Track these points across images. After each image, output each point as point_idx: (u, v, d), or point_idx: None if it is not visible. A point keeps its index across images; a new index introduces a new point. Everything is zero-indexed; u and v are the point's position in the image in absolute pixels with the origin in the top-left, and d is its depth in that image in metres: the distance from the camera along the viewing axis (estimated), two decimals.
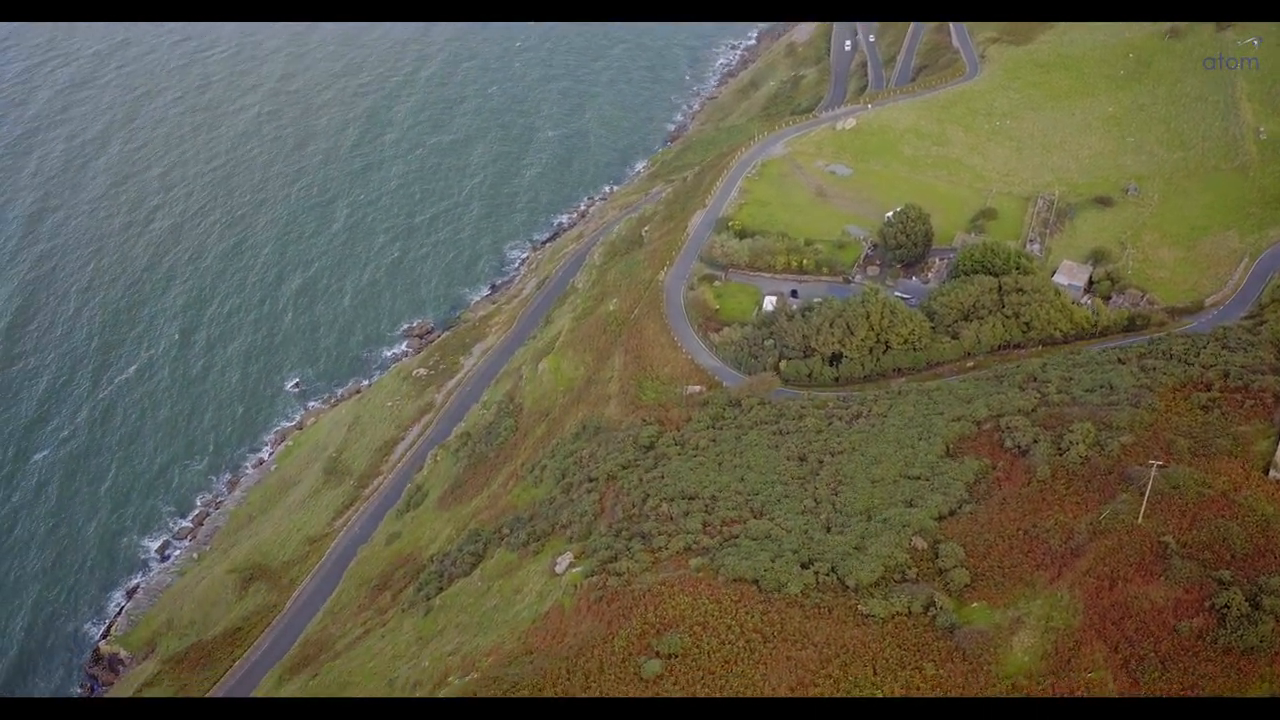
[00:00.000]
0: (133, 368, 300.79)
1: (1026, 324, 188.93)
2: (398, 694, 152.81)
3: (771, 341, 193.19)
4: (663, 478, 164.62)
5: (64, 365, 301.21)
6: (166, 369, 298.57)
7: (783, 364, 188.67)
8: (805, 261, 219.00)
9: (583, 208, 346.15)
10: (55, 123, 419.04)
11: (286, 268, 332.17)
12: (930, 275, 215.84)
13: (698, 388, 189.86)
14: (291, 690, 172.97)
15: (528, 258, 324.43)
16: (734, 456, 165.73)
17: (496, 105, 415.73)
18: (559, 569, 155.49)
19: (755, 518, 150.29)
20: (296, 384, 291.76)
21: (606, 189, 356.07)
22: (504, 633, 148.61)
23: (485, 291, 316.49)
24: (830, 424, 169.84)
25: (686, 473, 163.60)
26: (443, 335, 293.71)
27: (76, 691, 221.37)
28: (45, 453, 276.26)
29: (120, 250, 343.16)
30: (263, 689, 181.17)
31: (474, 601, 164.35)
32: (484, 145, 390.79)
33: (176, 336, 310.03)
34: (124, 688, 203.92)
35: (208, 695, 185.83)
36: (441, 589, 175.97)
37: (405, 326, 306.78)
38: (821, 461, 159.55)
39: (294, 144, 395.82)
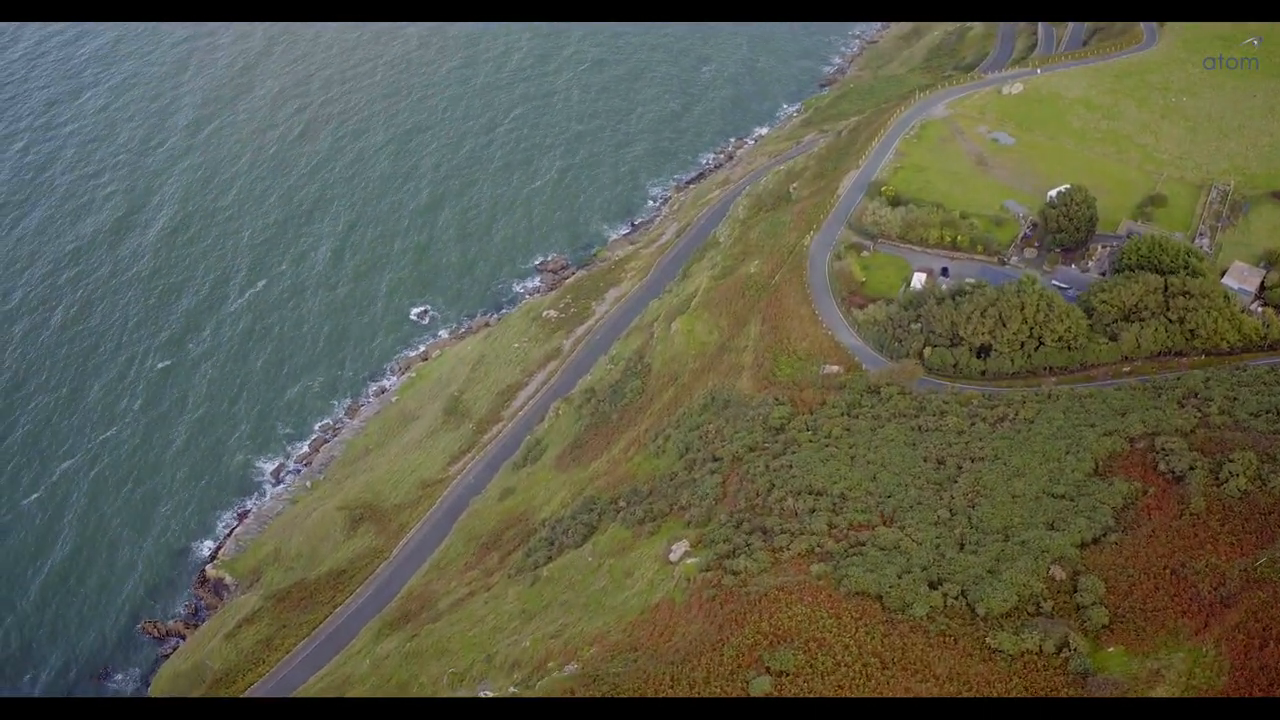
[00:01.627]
0: (274, 284, 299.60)
1: (1191, 331, 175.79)
2: (494, 671, 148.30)
3: (918, 325, 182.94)
4: (791, 467, 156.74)
5: (213, 277, 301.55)
6: (309, 289, 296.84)
7: (927, 351, 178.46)
8: (959, 237, 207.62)
9: (730, 149, 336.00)
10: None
11: (442, 193, 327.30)
12: (1091, 264, 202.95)
13: (835, 368, 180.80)
14: (389, 649, 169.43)
15: (670, 198, 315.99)
16: (868, 451, 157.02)
17: (661, 40, 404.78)
18: (674, 556, 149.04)
19: (885, 524, 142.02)
20: (425, 312, 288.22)
21: (757, 130, 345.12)
22: (610, 620, 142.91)
23: (624, 230, 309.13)
24: (973, 424, 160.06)
25: (816, 464, 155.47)
26: (576, 274, 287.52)
27: (182, 612, 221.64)
28: (175, 363, 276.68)
29: (278, 166, 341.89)
30: (360, 642, 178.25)
31: (582, 578, 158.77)
32: (645, 81, 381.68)
33: (327, 255, 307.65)
34: (227, 617, 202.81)
35: (306, 640, 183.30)
36: (551, 558, 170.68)
37: (540, 260, 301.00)
38: (960, 467, 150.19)
39: (458, 69, 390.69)
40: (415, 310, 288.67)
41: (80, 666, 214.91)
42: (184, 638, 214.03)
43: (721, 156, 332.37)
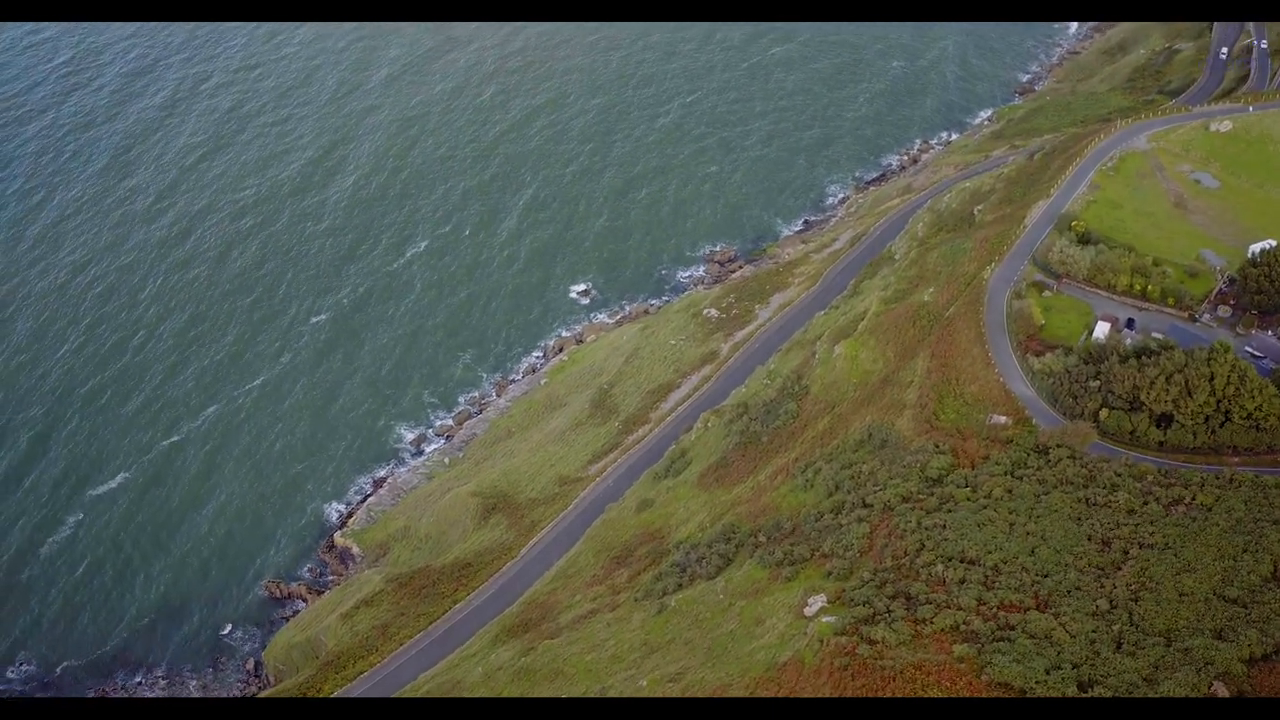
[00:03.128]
0: (428, 243, 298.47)
1: None
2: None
3: (1097, 383, 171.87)
4: (944, 528, 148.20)
5: (389, 237, 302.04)
6: (463, 250, 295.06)
7: (1104, 413, 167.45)
8: (1150, 287, 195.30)
9: (915, 152, 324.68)
10: None
11: (607, 163, 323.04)
12: None
13: (1003, 419, 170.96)
14: (504, 659, 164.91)
15: (848, 199, 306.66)
16: (1028, 520, 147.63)
17: (846, 26, 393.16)
18: (809, 611, 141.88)
19: (1038, 609, 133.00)
20: (585, 291, 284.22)
21: (944, 135, 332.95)
22: (734, 672, 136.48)
23: (798, 226, 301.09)
24: (1145, 504, 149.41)
25: (972, 528, 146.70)
26: (743, 269, 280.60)
27: (306, 575, 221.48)
28: (325, 317, 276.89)
29: (468, 135, 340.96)
30: (475, 644, 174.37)
31: (711, 617, 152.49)
32: (823, 62, 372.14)
33: (478, 219, 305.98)
34: (348, 591, 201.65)
35: (421, 634, 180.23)
36: (681, 586, 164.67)
37: (707, 250, 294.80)
38: (1127, 553, 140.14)
39: (659, 56, 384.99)
40: (576, 288, 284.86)
41: (203, 617, 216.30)
42: (305, 602, 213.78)
43: (905, 159, 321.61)
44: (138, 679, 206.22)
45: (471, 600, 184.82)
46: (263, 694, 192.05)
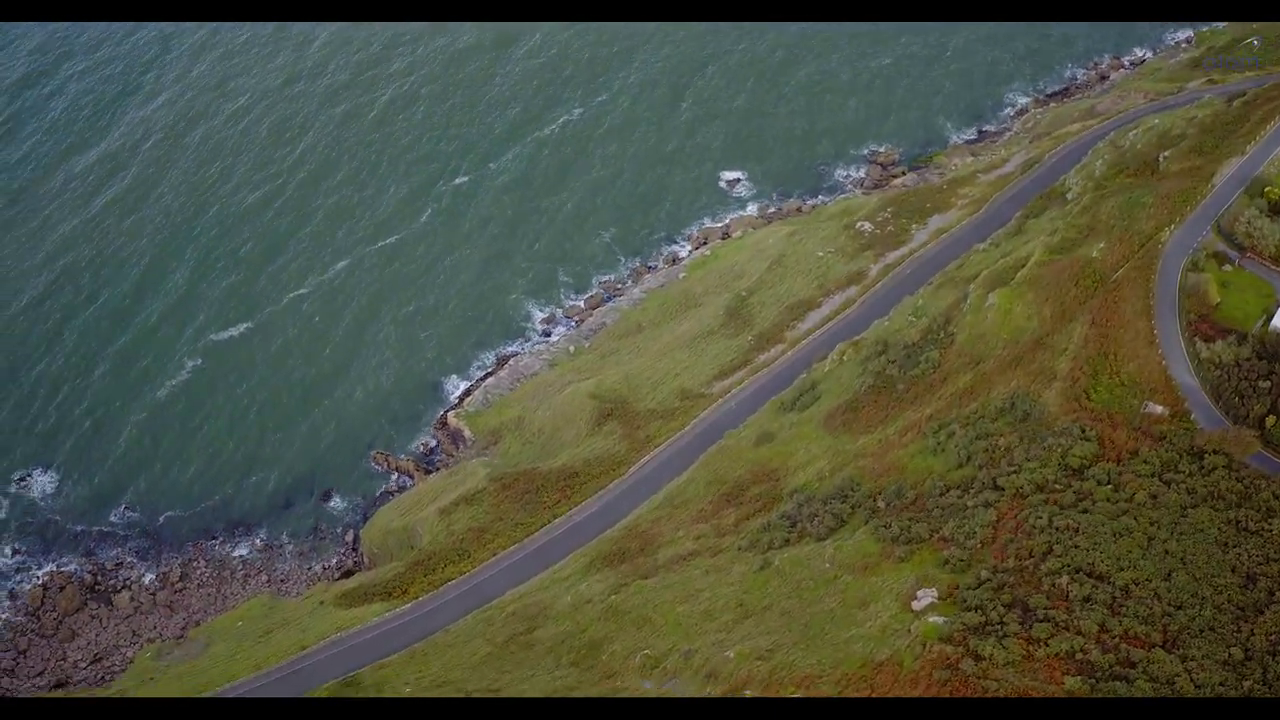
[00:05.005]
0: (582, 111, 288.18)
1: None
2: (689, 672, 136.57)
3: (1268, 384, 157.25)
4: (1077, 531, 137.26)
5: (542, 98, 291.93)
6: (636, 130, 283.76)
7: (1270, 420, 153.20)
8: None
9: (1105, 67, 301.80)
10: None
11: (797, 53, 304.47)
12: None
13: (1160, 409, 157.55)
14: (594, 591, 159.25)
15: (1026, 111, 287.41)
16: (1169, 537, 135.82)
17: None
18: (917, 604, 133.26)
19: (1165, 646, 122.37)
20: (737, 180, 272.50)
21: (1137, 52, 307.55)
22: (826, 661, 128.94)
23: (969, 135, 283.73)
24: None
25: (1107, 538, 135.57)
26: (905, 176, 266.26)
27: (416, 450, 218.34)
28: (467, 180, 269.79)
29: None
30: (567, 567, 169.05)
31: (813, 587, 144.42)
32: None
33: (664, 96, 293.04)
34: (451, 481, 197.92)
35: (517, 546, 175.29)
36: (789, 542, 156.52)
37: (870, 149, 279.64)
38: (1273, 595, 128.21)
39: None
40: (728, 175, 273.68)
41: (308, 482, 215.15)
42: (412, 479, 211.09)
43: (1092, 74, 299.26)
44: (236, 538, 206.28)
45: (572, 515, 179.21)
46: (352, 577, 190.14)
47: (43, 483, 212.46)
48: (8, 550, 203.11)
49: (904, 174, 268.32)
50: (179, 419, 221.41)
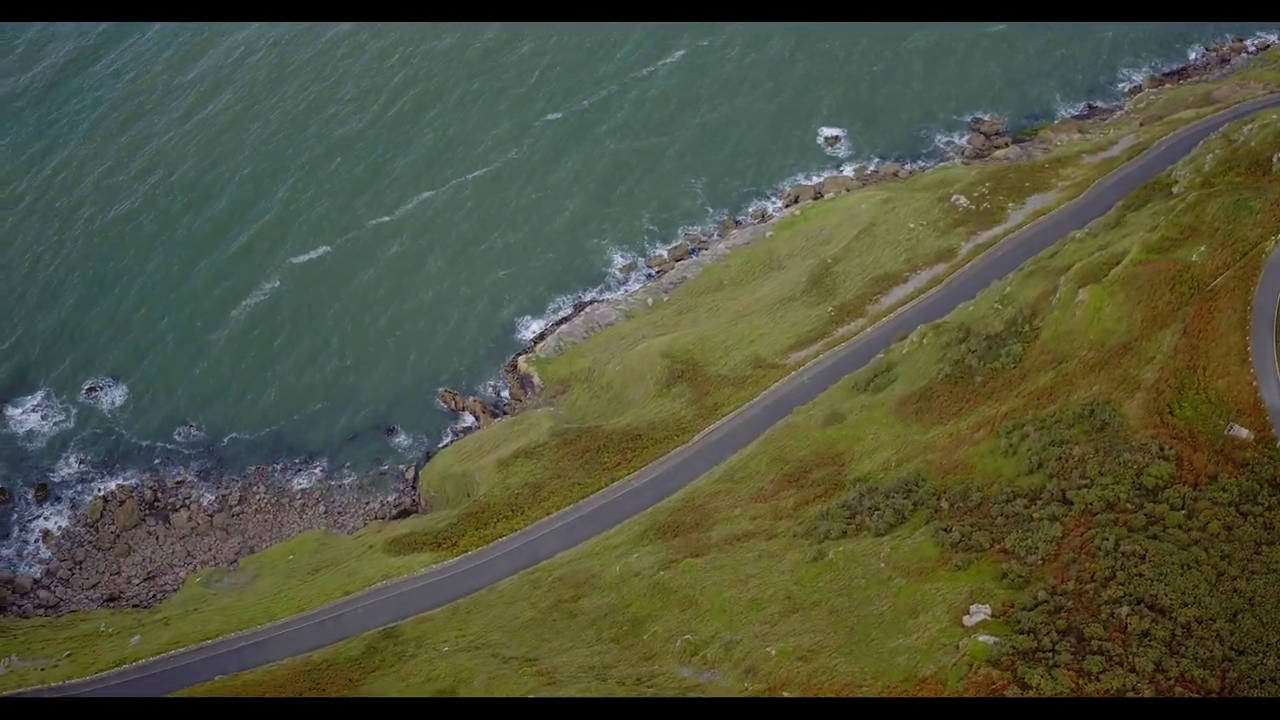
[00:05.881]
0: (684, 54, 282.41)
1: None
2: (728, 665, 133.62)
3: None
4: (1143, 559, 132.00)
5: (650, 42, 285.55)
6: (722, 66, 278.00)
7: None
8: None
9: (1226, 49, 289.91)
10: None
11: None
12: None
13: (1245, 433, 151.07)
14: (643, 564, 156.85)
15: (1139, 89, 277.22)
16: (1240, 575, 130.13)
17: None
18: (969, 620, 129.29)
19: (1221, 694, 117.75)
20: (836, 138, 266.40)
21: (1260, 36, 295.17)
22: (869, 671, 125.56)
23: (1078, 110, 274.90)
24: None
25: (1174, 569, 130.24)
26: (1008, 148, 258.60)
27: (484, 391, 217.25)
28: (560, 116, 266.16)
29: None
30: (619, 535, 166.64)
31: (864, 586, 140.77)
32: None
33: (782, 51, 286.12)
34: (513, 430, 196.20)
35: (572, 507, 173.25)
36: (845, 534, 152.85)
37: (974, 116, 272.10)
38: None
39: None
40: (826, 132, 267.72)
41: (375, 414, 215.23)
42: (478, 420, 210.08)
43: (1212, 57, 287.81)
44: (298, 466, 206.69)
45: (630, 480, 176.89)
46: (405, 520, 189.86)
47: (113, 395, 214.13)
48: (73, 460, 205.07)
49: (1007, 145, 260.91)
50: (256, 341, 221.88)
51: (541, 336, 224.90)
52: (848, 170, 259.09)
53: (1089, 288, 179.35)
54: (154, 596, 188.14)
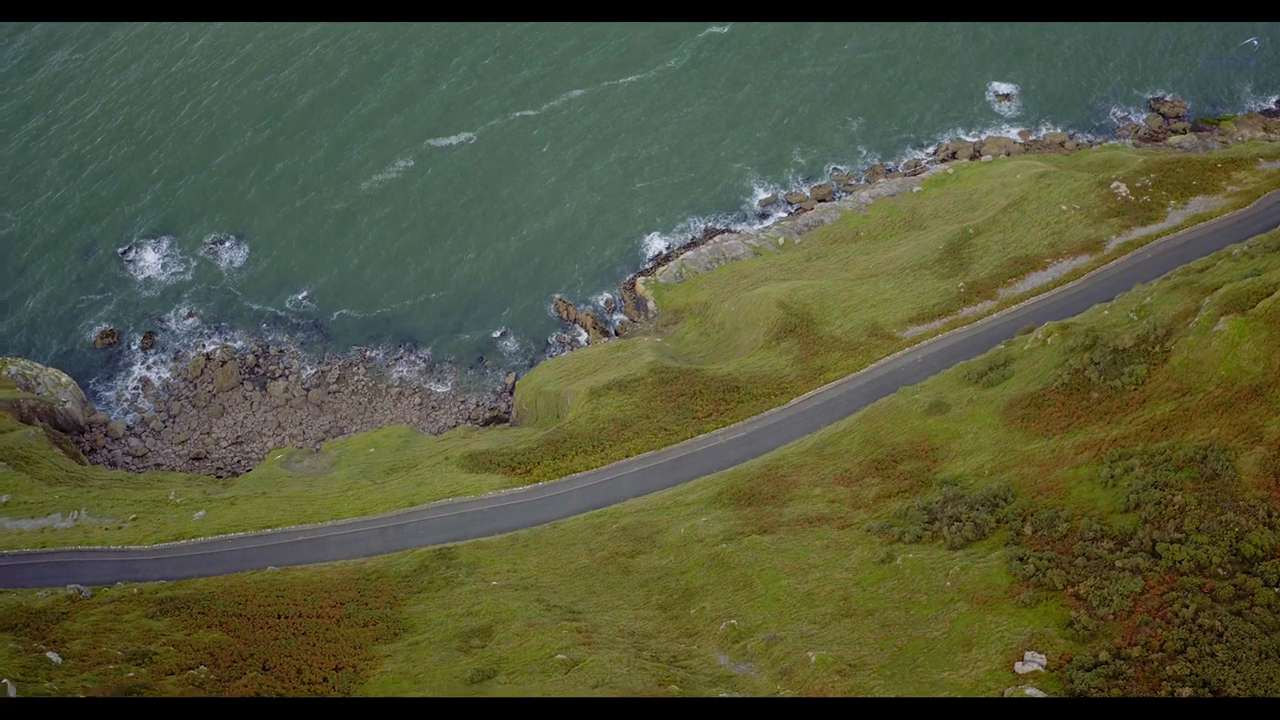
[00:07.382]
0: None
1: None
2: (764, 660, 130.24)
3: None
4: (1220, 637, 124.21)
5: None
6: (924, 42, 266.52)
7: None
8: None
9: None
10: None
11: None
12: None
13: None
14: (710, 530, 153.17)
15: None
16: None
17: None
18: (1021, 667, 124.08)
19: None
20: (1008, 95, 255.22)
21: None
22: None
23: (1270, 104, 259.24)
24: None
25: (1249, 656, 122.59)
26: (1183, 136, 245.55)
27: (597, 306, 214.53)
28: (728, 30, 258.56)
29: None
30: (693, 493, 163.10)
31: (924, 605, 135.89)
32: None
33: None
34: (613, 357, 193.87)
35: (653, 453, 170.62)
36: (919, 540, 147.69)
37: (1155, 95, 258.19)
38: None
39: None
40: (999, 87, 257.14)
41: (485, 313, 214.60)
42: (587, 335, 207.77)
43: None
44: (401, 353, 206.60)
45: (718, 435, 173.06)
46: (489, 429, 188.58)
47: (234, 254, 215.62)
48: (184, 311, 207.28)
49: (1185, 131, 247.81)
50: (381, 220, 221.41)
51: (666, 259, 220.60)
52: (1012, 132, 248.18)
53: (1230, 317, 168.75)
54: (237, 461, 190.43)
